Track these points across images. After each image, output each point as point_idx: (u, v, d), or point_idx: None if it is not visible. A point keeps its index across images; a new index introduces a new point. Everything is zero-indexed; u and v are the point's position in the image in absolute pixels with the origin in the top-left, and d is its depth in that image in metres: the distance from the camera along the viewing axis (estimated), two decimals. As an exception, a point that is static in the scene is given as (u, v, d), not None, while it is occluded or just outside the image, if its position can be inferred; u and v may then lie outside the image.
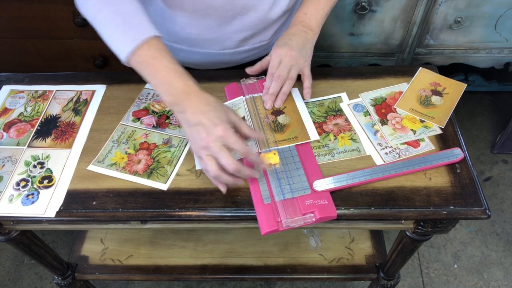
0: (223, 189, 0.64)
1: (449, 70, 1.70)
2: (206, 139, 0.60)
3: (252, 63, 0.92)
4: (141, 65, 0.63)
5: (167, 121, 0.78)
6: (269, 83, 0.77)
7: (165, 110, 0.80)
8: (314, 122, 0.77)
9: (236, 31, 0.81)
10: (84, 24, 1.28)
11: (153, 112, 0.80)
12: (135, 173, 0.70)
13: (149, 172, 0.70)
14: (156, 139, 0.75)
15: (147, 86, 0.85)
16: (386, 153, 0.71)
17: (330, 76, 0.85)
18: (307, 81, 0.78)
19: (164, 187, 0.68)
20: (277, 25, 0.85)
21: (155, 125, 0.77)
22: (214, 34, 0.81)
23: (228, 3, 0.74)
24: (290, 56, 0.75)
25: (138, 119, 0.79)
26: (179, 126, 0.76)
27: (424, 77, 0.83)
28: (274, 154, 0.69)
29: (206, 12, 0.76)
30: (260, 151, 0.71)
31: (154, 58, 0.63)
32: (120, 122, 0.78)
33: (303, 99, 0.79)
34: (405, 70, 0.85)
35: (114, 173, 0.70)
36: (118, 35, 0.63)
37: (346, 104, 0.79)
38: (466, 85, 0.82)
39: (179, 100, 0.62)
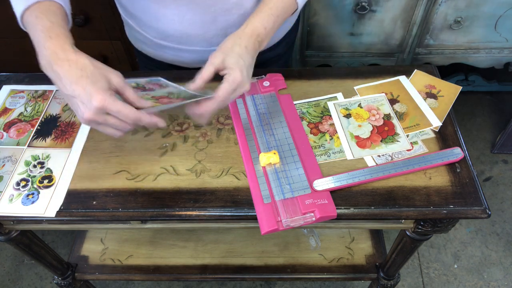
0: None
1: (449, 70, 1.70)
2: (86, 113, 0.55)
3: None
4: (27, 26, 0.61)
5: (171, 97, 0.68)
6: (216, 106, 0.64)
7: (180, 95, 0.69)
8: (310, 122, 0.77)
9: (221, 28, 0.81)
10: (84, 24, 1.28)
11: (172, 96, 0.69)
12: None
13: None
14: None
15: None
16: (379, 155, 0.71)
17: (330, 76, 0.85)
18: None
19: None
20: None
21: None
22: (200, 31, 0.81)
23: None
24: (245, 90, 0.66)
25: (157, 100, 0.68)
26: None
27: (419, 79, 0.83)
28: (274, 153, 0.69)
29: (189, 7, 0.76)
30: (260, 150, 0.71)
31: (36, 17, 0.60)
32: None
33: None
34: (405, 70, 0.85)
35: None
36: None
37: (332, 104, 0.79)
38: (461, 87, 0.82)
39: (51, 65, 0.57)
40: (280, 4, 0.72)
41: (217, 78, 0.67)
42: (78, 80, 0.55)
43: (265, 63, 0.95)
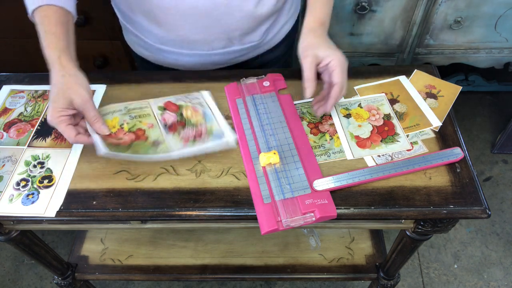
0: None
1: (449, 70, 1.70)
2: (47, 116, 0.65)
3: (242, 64, 0.92)
4: (36, 24, 0.69)
5: (179, 128, 0.73)
6: (339, 93, 0.69)
7: (191, 122, 0.74)
8: (310, 122, 0.77)
9: (223, 31, 0.81)
10: (84, 24, 1.28)
11: (181, 115, 0.75)
12: (104, 140, 0.68)
13: (111, 145, 0.68)
14: (153, 135, 0.72)
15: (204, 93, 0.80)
16: (379, 155, 0.71)
17: (330, 76, 0.85)
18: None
19: (101, 151, 0.66)
20: (265, 26, 0.85)
21: (168, 124, 0.73)
22: (202, 35, 0.81)
23: (210, 3, 0.74)
24: (347, 65, 0.70)
25: (164, 109, 0.76)
26: (181, 140, 0.71)
27: (419, 79, 0.83)
28: (274, 153, 0.69)
29: (190, 12, 0.76)
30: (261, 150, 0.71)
31: (47, 20, 0.68)
32: (148, 100, 0.76)
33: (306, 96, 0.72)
34: (405, 70, 0.85)
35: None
36: None
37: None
38: (461, 87, 0.82)
39: (48, 66, 0.67)
40: None
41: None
42: (52, 89, 0.66)
43: (266, 64, 0.96)
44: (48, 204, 0.67)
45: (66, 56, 0.67)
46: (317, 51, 0.69)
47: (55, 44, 0.67)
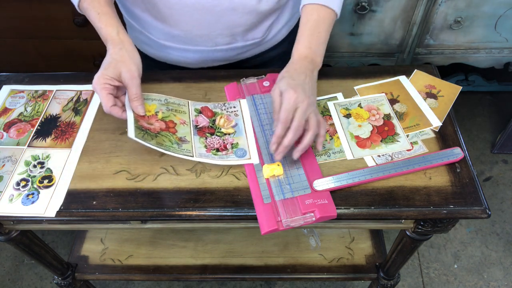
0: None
1: (449, 70, 1.70)
2: (94, 80, 0.67)
3: (245, 61, 0.92)
4: (86, 10, 0.72)
5: (207, 134, 0.74)
6: (281, 131, 0.64)
7: (221, 131, 0.75)
8: None
9: (226, 27, 0.81)
10: (84, 24, 1.28)
11: (213, 122, 0.76)
12: (136, 120, 0.69)
13: (141, 128, 0.68)
14: (182, 132, 0.73)
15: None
16: (379, 155, 0.71)
17: (330, 76, 0.85)
18: (322, 129, 0.68)
19: (130, 133, 0.66)
20: (268, 22, 0.85)
21: (199, 126, 0.75)
22: (205, 31, 0.81)
23: None
24: (307, 104, 0.64)
25: (200, 112, 0.77)
26: (205, 147, 0.72)
27: (419, 79, 0.83)
28: (278, 165, 0.68)
29: (194, 8, 0.76)
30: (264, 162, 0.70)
31: (97, 2, 0.71)
32: (188, 100, 0.79)
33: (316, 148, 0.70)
34: (405, 70, 0.85)
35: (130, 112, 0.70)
36: None
37: (332, 104, 0.79)
38: (461, 87, 0.82)
39: (106, 42, 0.71)
40: (317, 20, 0.73)
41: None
42: (104, 60, 0.69)
43: (267, 62, 0.96)
44: (48, 204, 0.67)
45: (124, 32, 0.70)
46: (280, 84, 0.67)
47: (111, 22, 0.70)
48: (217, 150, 0.72)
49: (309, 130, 0.65)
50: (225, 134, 0.74)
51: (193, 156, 0.69)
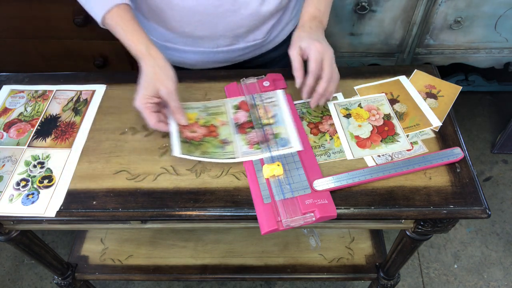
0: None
1: (449, 70, 1.70)
2: (136, 101, 0.71)
3: (247, 62, 0.92)
4: (111, 26, 0.73)
5: (247, 130, 0.75)
6: (312, 80, 0.72)
7: (261, 122, 0.76)
8: (310, 122, 0.77)
9: (228, 29, 0.81)
10: (84, 24, 1.28)
11: (252, 115, 0.77)
12: (180, 132, 0.72)
13: (185, 140, 0.71)
14: (223, 133, 0.74)
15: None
16: (379, 155, 0.71)
17: (330, 76, 0.85)
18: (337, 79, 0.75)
19: (176, 152, 0.69)
20: (270, 23, 0.85)
21: (239, 123, 0.76)
22: (207, 32, 0.81)
23: (216, 0, 0.75)
24: (330, 55, 0.72)
25: (238, 108, 0.79)
26: (247, 144, 0.73)
27: (419, 79, 0.83)
28: (278, 165, 0.68)
29: (196, 9, 0.76)
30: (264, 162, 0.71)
31: (122, 20, 0.72)
32: (224, 99, 0.80)
33: (286, 94, 0.79)
34: (405, 70, 0.85)
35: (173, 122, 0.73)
36: (94, 1, 0.73)
37: (332, 104, 0.79)
38: (461, 87, 0.82)
39: (138, 59, 0.72)
40: None
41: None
42: (142, 77, 0.72)
43: (268, 63, 0.96)
44: (48, 204, 0.67)
45: (153, 47, 0.72)
46: (300, 43, 0.72)
47: (139, 39, 0.72)
48: (259, 143, 0.73)
49: (333, 80, 0.72)
50: (265, 125, 0.75)
51: (236, 157, 0.71)
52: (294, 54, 0.72)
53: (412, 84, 0.82)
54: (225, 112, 0.78)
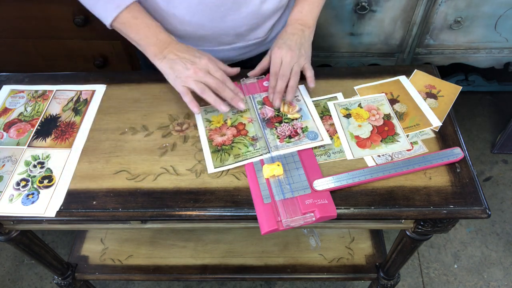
0: (223, 108, 0.72)
1: (449, 70, 1.70)
2: (192, 68, 0.71)
3: (248, 60, 0.92)
4: (124, 25, 0.73)
5: (276, 124, 0.76)
6: (273, 82, 0.78)
7: (288, 117, 0.77)
8: None
9: (230, 27, 0.81)
10: (84, 24, 1.28)
11: (278, 110, 0.78)
12: (210, 141, 0.74)
13: (217, 149, 0.72)
14: (251, 131, 0.75)
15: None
16: (379, 155, 0.71)
17: (330, 76, 0.85)
18: (309, 71, 0.80)
19: (210, 169, 0.70)
20: (272, 21, 0.86)
21: (266, 118, 0.77)
22: (209, 31, 0.81)
23: None
24: (291, 56, 0.77)
25: (263, 103, 0.79)
26: (278, 137, 0.73)
27: (419, 79, 0.83)
28: (278, 165, 0.68)
29: (198, 9, 0.76)
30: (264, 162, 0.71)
31: (135, 18, 0.73)
32: (249, 96, 0.81)
33: (308, 90, 0.81)
34: (405, 70, 0.85)
35: (201, 126, 0.76)
36: (101, 2, 0.72)
37: (332, 104, 0.79)
38: (461, 87, 0.82)
39: (163, 48, 0.74)
40: None
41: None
42: (187, 52, 0.73)
43: None
44: (48, 204, 0.67)
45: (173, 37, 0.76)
46: (271, 49, 0.80)
47: (160, 29, 0.75)
48: (290, 137, 0.73)
49: (292, 76, 0.77)
50: (293, 119, 0.76)
51: (269, 152, 0.71)
52: (267, 56, 0.81)
53: (412, 84, 0.82)
54: (250, 108, 0.79)
